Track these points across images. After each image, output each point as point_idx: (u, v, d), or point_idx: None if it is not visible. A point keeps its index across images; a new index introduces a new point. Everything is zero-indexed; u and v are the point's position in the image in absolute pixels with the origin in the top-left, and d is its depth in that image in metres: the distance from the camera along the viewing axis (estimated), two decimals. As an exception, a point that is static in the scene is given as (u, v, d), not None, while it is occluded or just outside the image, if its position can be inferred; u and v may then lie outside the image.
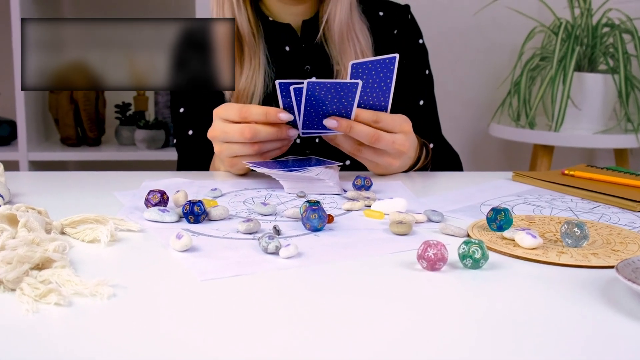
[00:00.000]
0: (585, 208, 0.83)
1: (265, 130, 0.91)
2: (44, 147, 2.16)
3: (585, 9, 2.05)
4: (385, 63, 0.90)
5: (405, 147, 0.95)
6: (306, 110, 0.90)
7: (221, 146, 0.95)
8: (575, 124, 2.07)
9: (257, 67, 1.15)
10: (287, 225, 0.72)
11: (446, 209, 0.81)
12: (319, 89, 0.87)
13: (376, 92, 0.92)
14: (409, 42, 1.26)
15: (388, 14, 1.26)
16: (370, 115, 0.92)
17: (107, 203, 0.82)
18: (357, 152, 0.95)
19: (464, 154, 2.57)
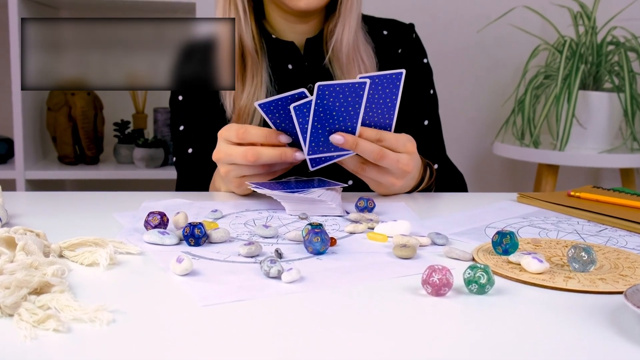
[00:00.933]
0: (592, 231, 0.83)
1: (268, 153, 0.91)
2: (41, 165, 2.17)
3: (590, 27, 2.06)
4: (392, 78, 0.91)
5: (409, 167, 0.96)
6: (313, 125, 0.90)
7: (227, 168, 0.95)
8: (581, 143, 2.08)
9: (259, 85, 1.15)
10: (289, 248, 0.72)
11: (450, 232, 0.81)
12: (327, 93, 0.87)
13: (381, 108, 0.92)
14: (413, 62, 1.26)
15: (392, 33, 1.26)
16: (373, 134, 0.92)
17: (106, 224, 0.83)
18: (361, 171, 0.95)
19: (468, 173, 2.58)
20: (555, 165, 2.12)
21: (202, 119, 1.20)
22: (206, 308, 0.54)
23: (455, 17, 2.49)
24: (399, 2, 2.46)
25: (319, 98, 0.87)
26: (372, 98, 0.91)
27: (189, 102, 1.22)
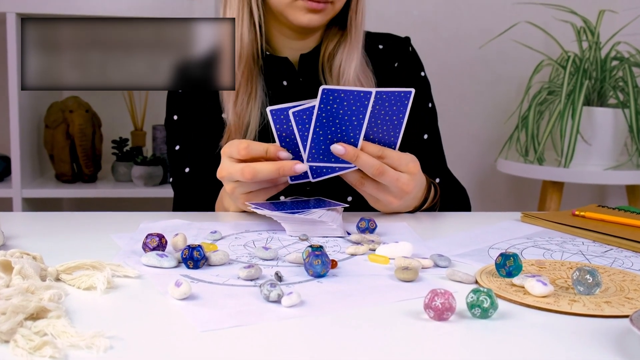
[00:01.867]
0: (597, 252, 0.83)
1: (265, 168, 0.91)
2: (39, 183, 2.17)
3: (594, 42, 2.07)
4: (400, 96, 0.91)
5: (409, 188, 0.96)
6: (315, 131, 0.90)
7: (232, 185, 0.96)
8: (586, 159, 2.08)
9: (254, 96, 1.16)
10: (289, 271, 0.72)
11: (453, 253, 0.81)
12: (332, 99, 0.88)
13: (386, 125, 0.93)
14: (410, 75, 1.27)
15: (388, 47, 1.28)
16: (376, 149, 0.92)
17: (104, 246, 0.83)
18: (360, 185, 0.96)
19: (471, 190, 2.57)
20: (560, 182, 2.12)
21: (198, 137, 1.21)
22: (205, 333, 0.54)
23: (457, 33, 2.50)
24: (401, 17, 2.47)
25: (322, 102, 0.88)
26: (377, 113, 0.91)
27: (184, 121, 1.23)
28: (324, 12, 1.13)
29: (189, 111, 1.23)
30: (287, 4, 1.12)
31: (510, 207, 2.63)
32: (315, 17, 1.12)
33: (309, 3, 1.10)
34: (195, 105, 1.23)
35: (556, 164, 2.09)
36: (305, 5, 1.11)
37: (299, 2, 1.11)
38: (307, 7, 1.11)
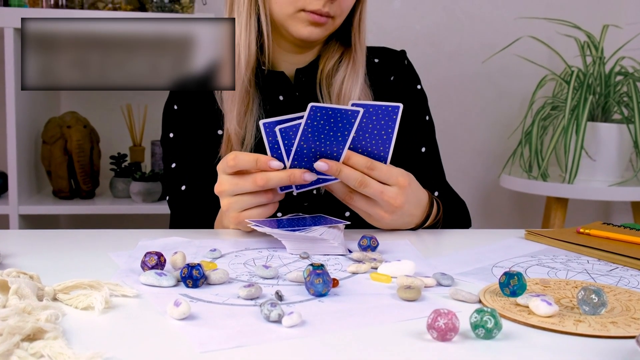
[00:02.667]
0: (603, 270, 0.83)
1: (277, 175, 0.93)
2: (36, 200, 2.17)
3: (598, 57, 2.08)
4: (388, 111, 0.92)
5: (397, 202, 0.96)
6: (299, 145, 0.91)
7: (229, 200, 0.96)
8: (590, 175, 2.08)
9: (250, 111, 1.17)
10: (290, 290, 0.72)
11: (456, 272, 0.81)
12: (320, 116, 0.89)
13: (375, 139, 0.94)
14: (406, 88, 1.28)
15: (384, 60, 1.28)
16: (363, 161, 0.94)
17: (102, 265, 0.83)
18: (349, 200, 0.97)
19: (474, 205, 2.58)
20: (565, 198, 2.12)
21: (194, 155, 1.21)
22: (205, 354, 0.54)
23: (460, 47, 2.51)
24: (402, 32, 2.48)
25: (309, 118, 0.89)
26: (365, 127, 0.92)
27: (181, 139, 1.23)
28: (324, 26, 1.14)
29: (185, 129, 1.24)
30: (290, 15, 1.13)
31: (513, 223, 2.63)
32: (316, 30, 1.13)
33: (312, 16, 1.11)
34: (191, 122, 1.23)
35: (560, 180, 2.09)
36: (307, 17, 1.12)
37: (302, 14, 1.12)
38: (309, 20, 1.12)
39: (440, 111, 1.31)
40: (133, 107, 2.33)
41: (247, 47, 1.15)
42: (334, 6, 1.12)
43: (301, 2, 1.11)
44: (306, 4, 1.11)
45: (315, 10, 1.11)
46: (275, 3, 1.14)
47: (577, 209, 2.56)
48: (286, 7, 1.13)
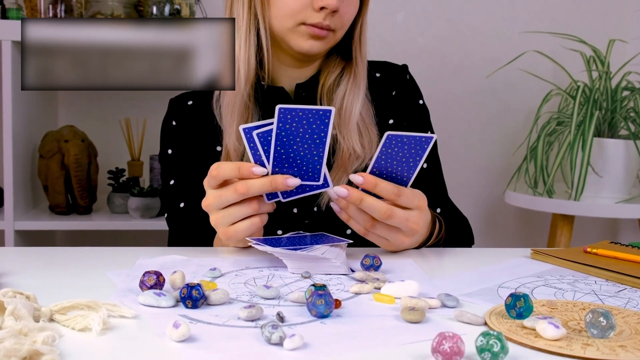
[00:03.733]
0: (611, 291, 0.83)
1: (259, 182, 0.91)
2: (32, 215, 2.17)
3: (604, 72, 2.09)
4: (421, 141, 0.91)
5: (418, 226, 0.96)
6: (276, 150, 0.91)
7: (216, 215, 0.95)
8: (597, 192, 2.08)
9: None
10: (291, 311, 0.72)
11: (461, 292, 0.80)
12: (290, 118, 0.88)
13: (402, 165, 0.93)
14: (408, 103, 1.28)
15: (385, 75, 1.29)
16: (391, 188, 0.92)
17: (99, 284, 0.82)
18: (371, 228, 0.95)
19: (478, 222, 2.58)
20: (571, 216, 2.12)
21: (193, 171, 1.21)
22: (204, 378, 0.54)
23: (464, 62, 2.52)
24: (406, 45, 2.49)
25: (280, 121, 0.89)
26: (395, 155, 0.91)
27: (179, 155, 1.23)
28: (325, 40, 1.14)
29: (184, 145, 1.24)
30: (290, 29, 1.13)
31: (519, 241, 2.63)
32: (317, 43, 1.14)
33: (312, 29, 1.12)
34: (190, 138, 1.23)
35: (566, 197, 2.09)
36: (308, 31, 1.12)
37: (302, 28, 1.13)
38: (309, 33, 1.12)
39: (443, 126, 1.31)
40: (132, 121, 2.33)
41: (246, 62, 1.15)
42: (335, 19, 1.13)
43: (301, 16, 1.12)
44: (307, 17, 1.12)
45: (316, 23, 1.12)
46: (275, 17, 1.14)
47: (583, 226, 2.55)
48: (286, 21, 1.13)
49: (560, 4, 2.54)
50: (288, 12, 1.12)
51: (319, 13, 1.11)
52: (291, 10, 1.12)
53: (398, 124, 1.25)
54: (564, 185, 2.26)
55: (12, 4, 2.07)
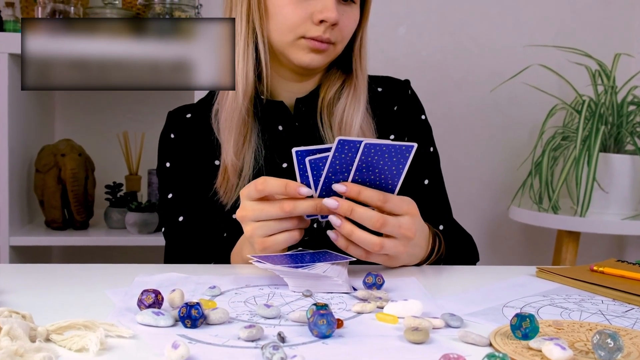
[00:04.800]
0: (618, 311, 0.83)
1: (305, 204, 0.93)
2: (27, 230, 2.17)
3: (609, 86, 2.09)
4: (402, 149, 0.92)
5: (411, 232, 0.95)
6: (327, 176, 0.93)
7: (253, 225, 0.95)
8: (603, 208, 2.08)
9: (248, 141, 1.17)
10: (292, 331, 0.72)
11: (465, 312, 0.80)
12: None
13: (385, 174, 0.93)
14: (410, 119, 1.28)
15: (387, 90, 1.29)
16: (376, 195, 0.92)
17: (97, 302, 0.82)
18: (379, 249, 0.94)
19: (482, 239, 2.57)
20: (576, 232, 2.12)
21: (191, 185, 1.22)
22: (203, 400, 0.54)
23: (467, 75, 2.53)
24: (408, 59, 2.50)
25: (337, 151, 0.90)
26: (376, 163, 0.92)
27: (177, 168, 1.24)
28: (326, 53, 1.15)
29: (182, 158, 1.24)
30: (289, 43, 1.14)
31: (523, 258, 2.63)
32: (318, 57, 1.14)
33: (312, 42, 1.12)
34: (188, 152, 1.24)
35: (572, 213, 2.09)
36: (308, 44, 1.13)
37: (302, 41, 1.13)
38: (309, 47, 1.13)
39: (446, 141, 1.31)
40: (130, 135, 2.34)
41: (244, 77, 1.16)
42: (335, 32, 1.14)
43: (301, 29, 1.13)
44: (306, 30, 1.12)
45: (316, 36, 1.12)
46: (274, 31, 1.15)
47: (589, 242, 2.55)
48: (286, 35, 1.14)
49: (565, 18, 2.55)
50: (288, 25, 1.13)
51: (319, 26, 1.12)
52: (291, 23, 1.12)
53: (399, 139, 1.26)
54: (569, 201, 2.26)
55: (10, 16, 2.09)
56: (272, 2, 1.14)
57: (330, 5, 1.11)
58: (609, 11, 2.55)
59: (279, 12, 1.13)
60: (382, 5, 2.46)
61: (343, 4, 1.15)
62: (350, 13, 1.16)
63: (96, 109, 2.45)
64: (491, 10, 2.52)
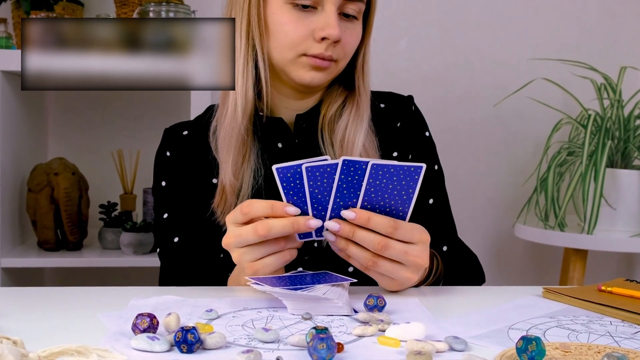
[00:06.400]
0: (627, 333, 0.82)
1: (280, 223, 0.91)
2: (19, 252, 2.17)
3: (615, 100, 2.10)
4: (410, 171, 0.91)
5: (422, 260, 0.95)
6: (335, 201, 0.92)
7: (238, 252, 0.95)
8: (610, 225, 2.08)
9: (247, 160, 1.17)
10: (291, 355, 0.72)
11: (470, 334, 0.80)
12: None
13: (395, 199, 0.93)
14: (414, 136, 1.28)
15: (390, 106, 1.29)
16: (386, 222, 0.91)
17: (90, 326, 0.82)
18: (373, 265, 0.94)
19: (487, 257, 2.57)
20: (584, 250, 2.11)
21: (187, 205, 1.21)
22: None
23: (470, 90, 2.54)
24: (409, 73, 2.51)
25: (343, 173, 0.90)
26: (385, 186, 0.91)
27: (173, 187, 1.24)
28: (328, 70, 1.15)
29: (179, 177, 1.24)
30: (290, 60, 1.14)
31: (529, 277, 2.62)
32: (319, 75, 1.14)
33: (314, 60, 1.13)
34: (184, 170, 1.24)
35: (579, 230, 2.09)
36: (309, 62, 1.13)
37: (303, 59, 1.13)
38: (311, 64, 1.13)
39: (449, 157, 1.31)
40: (124, 153, 2.34)
41: (243, 95, 1.16)
42: (337, 49, 1.14)
43: (302, 47, 1.13)
44: (307, 48, 1.13)
45: (318, 54, 1.12)
46: (274, 48, 1.15)
47: (597, 261, 2.55)
48: (287, 52, 1.14)
49: (570, 30, 2.56)
50: (288, 43, 1.13)
51: (321, 44, 1.12)
52: (292, 41, 1.13)
53: (403, 156, 1.26)
54: (576, 218, 2.26)
55: (2, 33, 2.09)
56: (272, 19, 1.14)
57: (332, 22, 1.11)
58: (614, 23, 2.56)
59: (280, 29, 1.14)
60: (383, 18, 2.47)
61: (345, 20, 1.15)
62: (353, 30, 1.16)
63: (90, 127, 2.46)
64: (494, 23, 2.53)
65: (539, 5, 2.53)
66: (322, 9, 1.12)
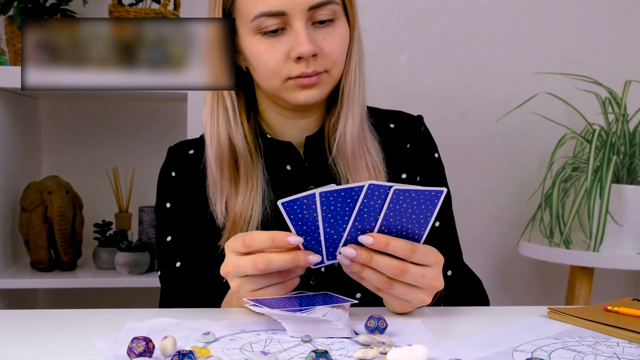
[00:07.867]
0: (634, 354, 0.82)
1: (280, 258, 0.91)
2: (11, 272, 2.16)
3: (620, 115, 2.11)
4: (431, 195, 0.91)
5: (438, 282, 0.96)
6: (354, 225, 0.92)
7: (237, 282, 0.95)
8: (617, 242, 2.08)
9: (255, 189, 1.17)
10: (290, 380, 0.72)
11: (473, 356, 0.80)
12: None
13: (412, 222, 0.93)
14: (423, 157, 1.28)
15: (399, 126, 1.29)
16: (404, 245, 0.92)
17: (84, 350, 0.82)
18: (388, 287, 0.94)
19: (491, 275, 2.57)
20: (590, 268, 2.11)
21: (192, 229, 1.21)
22: None
23: (472, 105, 2.54)
24: (410, 88, 2.52)
25: (366, 197, 0.90)
26: (405, 210, 0.91)
27: (178, 210, 1.23)
28: (320, 85, 1.14)
29: (184, 199, 1.23)
30: (279, 87, 1.14)
31: (534, 295, 2.61)
32: (312, 92, 1.14)
33: (300, 80, 1.12)
34: (190, 193, 1.23)
35: (585, 247, 2.09)
36: (296, 84, 1.13)
37: (290, 83, 1.13)
38: (298, 85, 1.13)
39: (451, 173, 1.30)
40: (119, 170, 2.34)
41: (217, 138, 1.18)
42: (320, 61, 1.12)
43: (285, 71, 1.13)
44: (290, 71, 1.12)
45: (300, 74, 1.12)
46: (261, 80, 1.16)
47: (604, 278, 2.54)
48: (272, 81, 1.14)
49: (573, 44, 2.57)
50: (270, 71, 1.13)
51: (299, 63, 1.11)
52: (272, 69, 1.13)
53: (411, 178, 1.25)
54: (581, 234, 2.26)
55: (-6, 49, 2.10)
56: (250, 54, 1.15)
57: (301, 38, 1.10)
58: (618, 37, 2.58)
59: (258, 61, 1.14)
60: (382, 32, 2.48)
61: (321, 26, 1.13)
62: (333, 33, 1.14)
63: (84, 144, 2.46)
64: (496, 37, 2.54)
65: (542, 19, 2.54)
66: (291, 29, 1.11)
